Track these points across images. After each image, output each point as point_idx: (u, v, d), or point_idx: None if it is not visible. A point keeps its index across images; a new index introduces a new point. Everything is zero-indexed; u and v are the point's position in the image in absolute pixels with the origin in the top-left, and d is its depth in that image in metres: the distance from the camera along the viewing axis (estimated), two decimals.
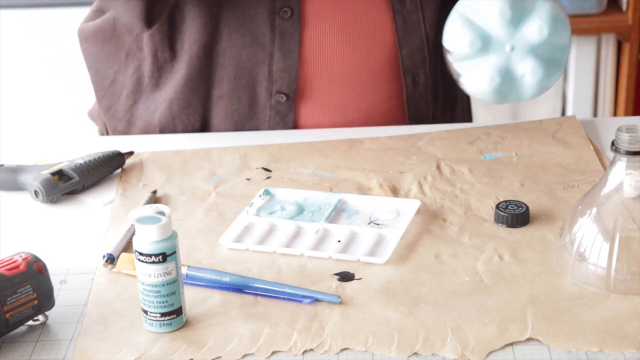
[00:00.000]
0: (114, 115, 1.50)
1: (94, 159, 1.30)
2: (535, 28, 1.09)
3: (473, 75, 1.12)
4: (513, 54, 1.10)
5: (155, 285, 0.99)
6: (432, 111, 1.48)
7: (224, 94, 1.42)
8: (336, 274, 1.09)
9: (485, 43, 1.10)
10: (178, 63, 1.42)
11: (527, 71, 1.10)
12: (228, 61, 1.40)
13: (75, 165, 1.29)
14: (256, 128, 1.44)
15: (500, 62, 1.10)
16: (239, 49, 1.39)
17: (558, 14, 1.11)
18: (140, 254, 0.98)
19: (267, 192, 1.25)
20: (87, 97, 1.55)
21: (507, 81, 1.11)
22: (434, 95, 1.47)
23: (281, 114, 1.42)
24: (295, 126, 1.43)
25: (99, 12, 1.51)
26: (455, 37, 1.11)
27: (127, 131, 1.49)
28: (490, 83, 1.11)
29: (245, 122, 1.43)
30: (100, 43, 1.48)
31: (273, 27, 1.38)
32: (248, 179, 1.30)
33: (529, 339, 0.98)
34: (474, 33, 1.10)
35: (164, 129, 1.46)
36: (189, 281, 1.07)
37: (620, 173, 1.05)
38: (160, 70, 1.44)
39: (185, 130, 1.45)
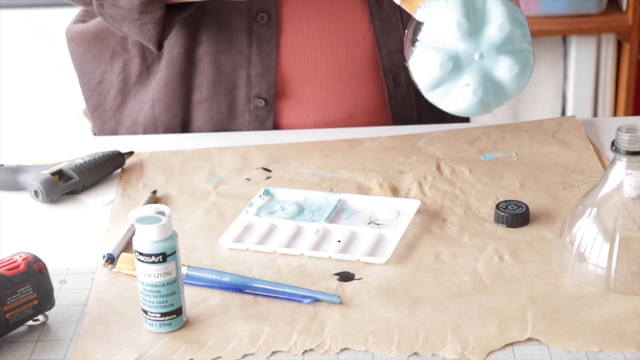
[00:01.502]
0: (101, 115, 1.50)
1: (94, 159, 1.30)
2: (496, 28, 1.10)
3: (454, 96, 1.11)
4: (484, 61, 1.10)
5: (155, 285, 0.99)
6: (416, 111, 1.47)
7: (204, 99, 1.43)
8: (336, 274, 1.09)
9: (455, 61, 1.10)
10: (161, 64, 1.42)
11: (504, 70, 1.10)
12: (207, 66, 1.41)
13: (75, 165, 1.29)
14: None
15: (475, 73, 1.10)
16: (217, 55, 1.40)
17: (509, 4, 1.12)
18: (140, 254, 0.98)
19: (267, 192, 1.25)
20: None
21: (489, 88, 1.11)
22: (418, 95, 1.47)
23: (260, 119, 1.42)
24: (276, 129, 1.44)
25: (87, 14, 1.51)
26: (424, 66, 1.10)
27: (115, 131, 1.50)
28: (474, 96, 1.10)
29: (225, 126, 1.44)
30: (85, 44, 1.48)
31: (250, 33, 1.38)
32: (248, 179, 1.30)
33: (529, 339, 0.98)
34: (442, 56, 1.09)
35: (146, 130, 1.46)
36: (189, 281, 1.07)
37: (620, 173, 1.05)
38: (149, 70, 1.44)
39: (166, 132, 1.45)
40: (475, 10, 1.10)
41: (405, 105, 1.47)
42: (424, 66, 1.11)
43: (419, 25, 1.12)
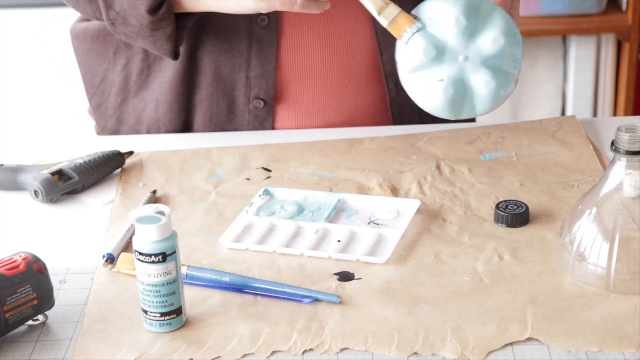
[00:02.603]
0: (104, 114, 1.50)
1: (94, 159, 1.30)
2: (491, 39, 1.09)
3: (427, 87, 1.12)
4: (466, 65, 1.10)
5: (155, 285, 0.99)
6: (418, 116, 1.47)
7: (204, 99, 1.43)
8: (336, 274, 1.09)
9: (439, 52, 1.10)
10: (165, 65, 1.43)
11: (481, 83, 1.10)
12: (207, 66, 1.41)
13: (75, 165, 1.29)
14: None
15: (453, 72, 1.10)
16: (217, 55, 1.40)
17: (512, 27, 1.11)
18: (140, 254, 0.98)
19: (267, 192, 1.25)
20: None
21: (460, 92, 1.11)
22: None
23: (260, 119, 1.42)
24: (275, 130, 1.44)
25: None
26: (410, 49, 1.11)
27: (117, 129, 1.50)
28: (445, 93, 1.11)
29: (225, 126, 1.44)
30: (89, 41, 1.48)
31: (250, 35, 1.38)
32: (248, 179, 1.30)
33: (529, 339, 0.98)
34: (428, 42, 1.10)
35: (150, 130, 1.46)
36: (189, 281, 1.07)
37: (620, 173, 1.05)
38: (150, 68, 1.44)
39: (168, 132, 1.45)
40: (479, 14, 1.10)
41: (407, 109, 1.46)
42: (410, 48, 1.11)
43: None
